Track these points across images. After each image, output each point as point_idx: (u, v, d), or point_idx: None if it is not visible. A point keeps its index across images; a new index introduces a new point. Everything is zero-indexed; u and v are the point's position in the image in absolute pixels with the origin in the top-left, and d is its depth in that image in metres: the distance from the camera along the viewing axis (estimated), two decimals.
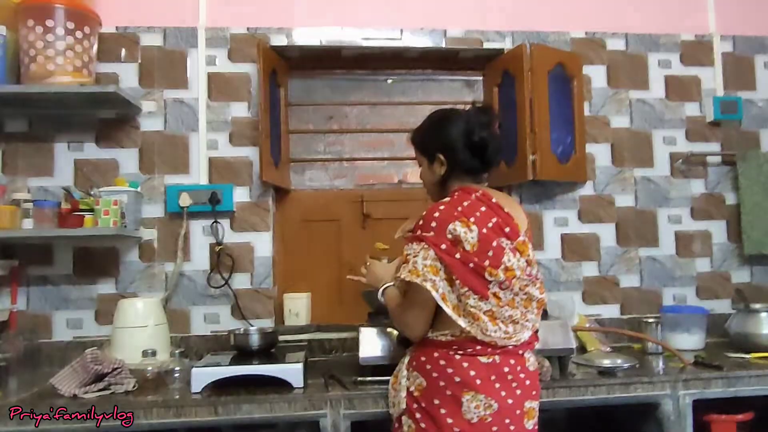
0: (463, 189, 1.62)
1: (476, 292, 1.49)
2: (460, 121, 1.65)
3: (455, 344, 1.54)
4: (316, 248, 2.61)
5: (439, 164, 1.66)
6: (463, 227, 1.51)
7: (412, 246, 1.56)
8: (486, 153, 1.63)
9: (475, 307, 1.50)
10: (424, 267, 1.51)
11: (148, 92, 2.42)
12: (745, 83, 2.74)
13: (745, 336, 2.25)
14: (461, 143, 1.62)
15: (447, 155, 1.65)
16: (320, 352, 2.40)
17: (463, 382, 1.51)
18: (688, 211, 2.67)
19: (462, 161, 1.64)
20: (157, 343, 2.08)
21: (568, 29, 2.65)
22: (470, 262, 1.50)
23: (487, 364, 1.52)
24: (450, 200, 1.59)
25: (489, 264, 1.50)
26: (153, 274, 2.37)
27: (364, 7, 2.56)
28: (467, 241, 1.50)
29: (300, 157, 2.70)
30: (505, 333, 1.52)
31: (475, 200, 1.57)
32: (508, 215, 1.58)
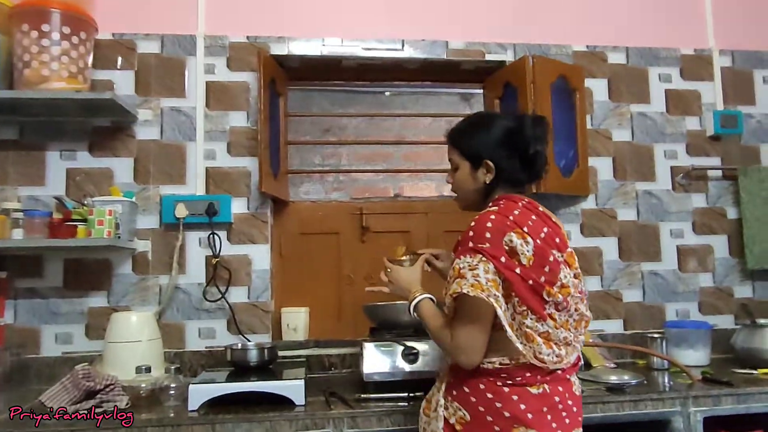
0: (507, 198, 1.51)
1: (534, 312, 1.37)
2: (514, 128, 1.53)
3: (503, 372, 1.40)
4: (315, 261, 2.56)
5: (485, 171, 1.53)
6: (519, 238, 1.38)
7: (466, 258, 1.39)
8: (536, 166, 1.54)
9: (531, 328, 1.38)
10: (487, 281, 1.35)
11: (145, 100, 2.36)
12: (744, 98, 2.75)
13: (752, 351, 2.22)
14: (513, 152, 1.51)
15: (496, 162, 1.52)
16: (319, 368, 2.33)
17: (514, 417, 1.37)
18: (689, 226, 2.65)
19: (511, 171, 1.52)
20: (151, 359, 2.01)
21: (570, 42, 2.65)
22: (529, 279, 1.37)
23: (538, 396, 1.39)
24: (498, 209, 1.46)
25: (545, 280, 1.38)
26: (147, 286, 2.29)
27: (366, 18, 2.54)
28: (524, 254, 1.38)
29: (296, 169, 2.65)
30: (557, 356, 1.40)
31: (524, 209, 1.46)
32: (556, 225, 1.50)
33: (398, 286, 1.68)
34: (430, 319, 1.53)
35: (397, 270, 1.71)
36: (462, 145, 1.59)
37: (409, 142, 2.75)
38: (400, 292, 1.67)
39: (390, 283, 1.71)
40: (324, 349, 2.37)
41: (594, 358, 2.28)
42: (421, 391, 1.82)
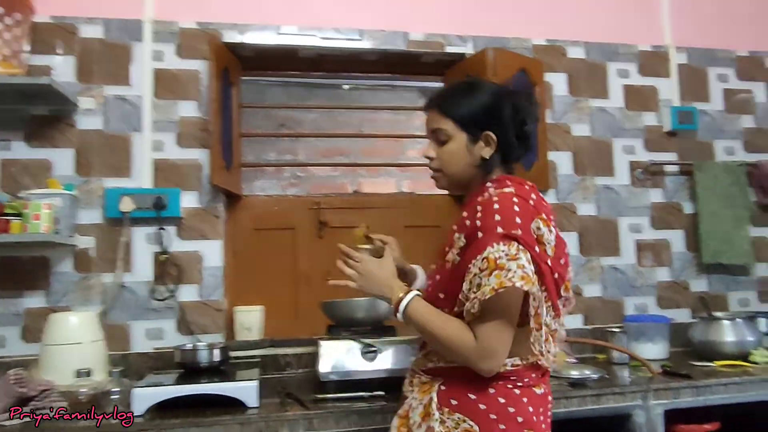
0: (511, 179, 1.35)
1: (554, 309, 1.25)
2: (515, 99, 1.38)
3: (514, 375, 1.27)
4: (270, 258, 2.46)
5: (485, 143, 1.35)
6: (544, 226, 1.24)
7: (501, 246, 1.19)
8: (528, 144, 1.40)
9: (548, 326, 1.25)
10: (533, 273, 1.19)
11: (87, 88, 2.22)
12: (699, 94, 2.79)
13: (709, 344, 2.24)
14: (512, 125, 1.35)
15: (499, 135, 1.34)
16: (274, 368, 2.23)
17: (525, 422, 1.24)
18: (647, 221, 2.66)
19: (511, 147, 1.36)
20: (93, 362, 1.87)
21: (530, 36, 2.63)
22: (555, 272, 1.25)
23: (540, 396, 1.30)
24: (515, 190, 1.29)
25: (560, 275, 1.28)
26: (89, 285, 2.15)
27: (324, 6, 2.46)
28: (549, 244, 1.25)
29: (250, 162, 2.55)
30: (554, 355, 1.29)
31: (535, 192, 1.33)
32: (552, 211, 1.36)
33: (371, 281, 1.39)
34: (434, 319, 1.28)
35: (367, 261, 1.42)
36: (458, 113, 1.36)
37: (368, 136, 2.68)
38: (373, 288, 1.39)
39: (360, 277, 1.41)
40: (279, 349, 2.27)
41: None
42: (381, 391, 1.76)
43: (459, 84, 1.45)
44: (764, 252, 2.76)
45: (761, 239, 2.76)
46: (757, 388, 1.97)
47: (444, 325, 1.27)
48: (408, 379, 1.44)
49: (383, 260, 1.45)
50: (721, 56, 2.83)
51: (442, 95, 1.42)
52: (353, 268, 1.42)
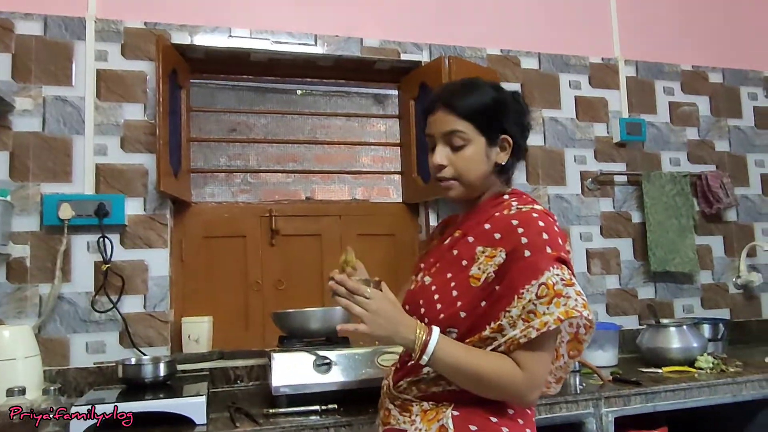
0: (523, 193, 1.32)
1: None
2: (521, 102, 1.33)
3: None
4: (220, 267, 2.38)
5: (501, 149, 1.27)
6: (568, 246, 1.22)
7: (554, 271, 1.11)
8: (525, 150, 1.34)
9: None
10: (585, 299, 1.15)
11: (24, 87, 2.10)
12: (647, 106, 2.86)
13: (656, 351, 2.28)
14: (526, 131, 1.31)
15: (516, 140, 1.28)
16: (224, 382, 2.15)
17: None
18: (597, 229, 2.71)
19: (522, 152, 1.31)
20: (27, 379, 1.76)
21: (484, 45, 2.64)
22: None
23: (535, 422, 1.26)
24: (540, 208, 1.24)
25: None
26: (24, 297, 2.03)
27: (277, 9, 2.40)
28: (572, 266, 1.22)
29: (199, 168, 2.47)
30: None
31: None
32: None
33: (386, 320, 1.16)
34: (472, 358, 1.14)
35: (377, 297, 1.18)
36: (476, 115, 1.25)
37: (321, 142, 2.64)
38: (388, 330, 1.16)
39: (372, 318, 1.16)
40: (229, 361, 2.19)
41: None
42: (335, 404, 1.72)
43: (467, 83, 1.31)
44: (707, 260, 2.86)
45: (705, 247, 2.85)
46: (702, 393, 2.01)
47: (483, 363, 1.13)
48: (397, 408, 1.28)
49: (389, 294, 1.21)
50: (668, 70, 2.93)
51: (454, 94, 1.28)
52: (363, 306, 1.16)
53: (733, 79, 3.04)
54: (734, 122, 3.02)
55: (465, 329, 1.18)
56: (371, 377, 1.76)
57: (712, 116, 2.98)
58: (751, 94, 3.07)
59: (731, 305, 2.87)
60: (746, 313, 2.89)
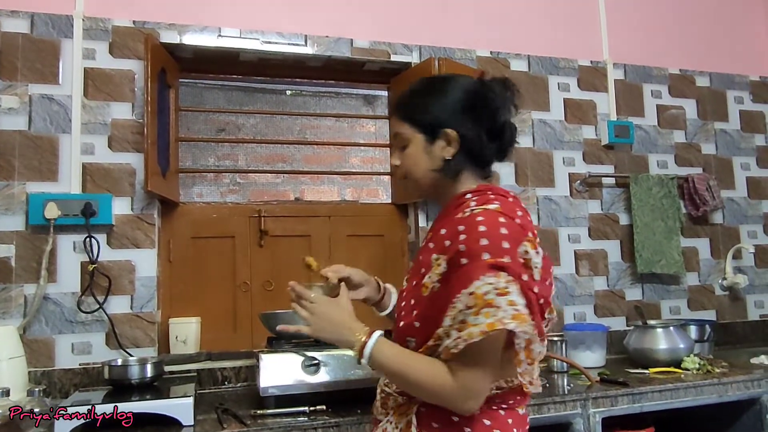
0: (491, 189, 1.23)
1: (540, 334, 1.14)
2: (479, 90, 1.24)
3: (498, 398, 1.18)
4: (208, 267, 2.37)
5: (446, 143, 1.23)
6: (532, 249, 1.13)
7: (487, 278, 1.06)
8: (504, 139, 1.25)
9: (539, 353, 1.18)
10: (524, 307, 1.08)
11: (9, 85, 2.08)
12: (635, 109, 2.89)
13: (643, 351, 2.29)
14: (478, 120, 1.22)
15: (464, 132, 1.21)
16: (211, 383, 2.14)
17: None
18: (586, 231, 2.73)
19: (477, 143, 1.22)
20: (11, 380, 1.75)
21: (474, 47, 2.65)
22: (541, 298, 1.13)
23: (522, 416, 1.23)
24: (501, 207, 1.15)
25: (547, 296, 1.17)
26: (9, 297, 2.00)
27: (267, 9, 2.40)
28: (536, 268, 1.13)
29: (188, 168, 2.45)
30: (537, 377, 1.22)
31: (519, 206, 1.21)
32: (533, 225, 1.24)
33: (328, 324, 1.24)
34: (405, 361, 1.16)
35: (322, 302, 1.27)
36: (413, 113, 1.25)
37: (310, 143, 2.63)
38: (330, 332, 1.24)
39: (315, 320, 1.25)
40: (217, 362, 2.18)
41: None
42: (324, 405, 1.71)
43: (417, 82, 1.31)
44: (693, 262, 2.88)
45: (691, 249, 2.88)
46: (688, 394, 2.02)
47: (416, 368, 1.14)
48: (379, 401, 1.31)
49: (340, 299, 1.28)
50: (655, 73, 2.95)
51: (400, 98, 1.30)
52: (307, 309, 1.26)
53: (720, 83, 3.08)
54: (721, 125, 3.05)
55: (421, 339, 1.18)
56: (359, 378, 1.75)
57: (699, 119, 3.01)
58: (737, 98, 3.10)
59: (717, 307, 2.90)
60: (732, 315, 2.92)
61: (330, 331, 1.24)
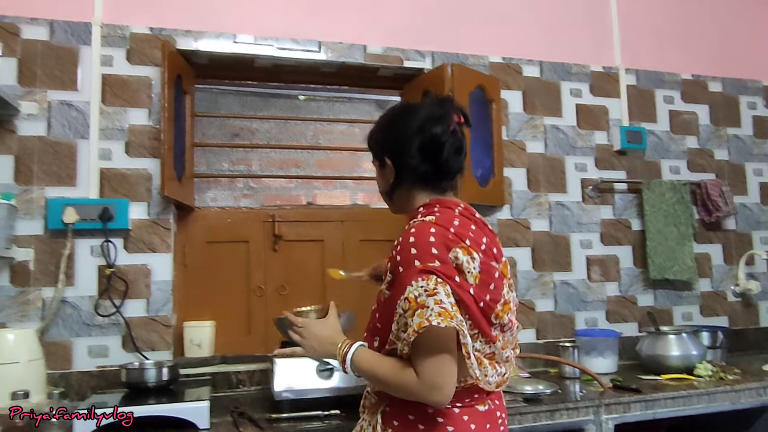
0: (441, 203, 1.33)
1: (484, 335, 1.25)
2: (406, 112, 1.38)
3: (454, 396, 1.24)
4: (222, 272, 2.39)
5: (388, 170, 1.38)
6: (464, 255, 1.22)
7: (421, 282, 1.18)
8: (440, 155, 1.32)
9: (480, 351, 1.26)
10: (452, 306, 1.17)
11: (29, 92, 2.11)
12: (647, 115, 2.88)
13: (656, 358, 2.29)
14: (412, 143, 1.33)
15: (394, 158, 1.36)
16: (226, 386, 2.17)
17: None
18: (598, 237, 2.73)
19: (411, 166, 1.34)
20: (31, 382, 1.77)
21: (486, 53, 2.66)
22: (480, 300, 1.23)
23: (485, 413, 1.30)
24: (436, 219, 1.27)
25: (490, 299, 1.25)
26: (27, 300, 2.03)
27: (281, 16, 2.42)
28: (470, 273, 1.22)
29: (203, 173, 2.48)
30: (500, 376, 1.30)
31: (462, 217, 1.30)
32: (492, 232, 1.36)
33: (316, 343, 1.41)
34: (377, 366, 1.28)
35: (309, 325, 1.44)
36: (369, 143, 1.46)
37: (323, 148, 2.65)
38: (319, 349, 1.41)
39: (305, 342, 1.43)
40: (231, 366, 2.21)
41: None
42: (337, 409, 1.73)
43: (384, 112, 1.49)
44: (706, 268, 2.87)
45: (704, 255, 2.87)
46: (701, 401, 2.03)
47: (386, 368, 1.26)
48: (362, 401, 1.44)
49: (327, 320, 1.45)
50: (668, 79, 2.95)
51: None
52: (298, 334, 1.44)
53: (733, 88, 3.07)
54: (733, 131, 3.04)
55: (382, 339, 1.30)
56: None
57: (711, 125, 3.00)
58: (750, 104, 3.09)
59: (730, 313, 2.89)
60: (744, 321, 2.91)
61: (318, 348, 1.41)
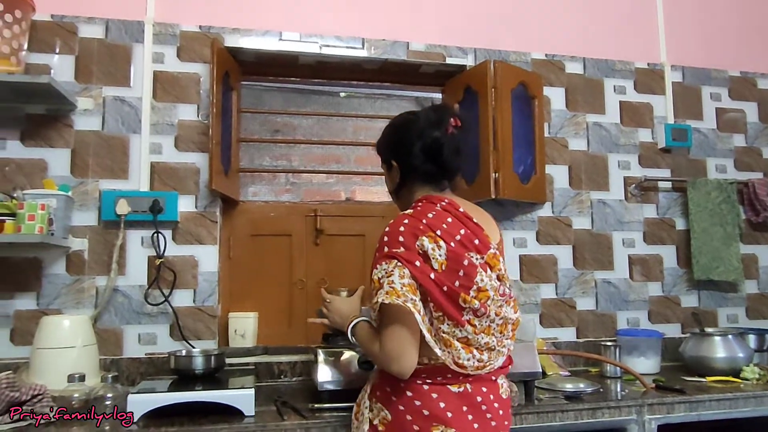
0: (427, 198, 1.49)
1: (450, 318, 1.36)
2: (408, 120, 1.56)
3: (423, 373, 1.39)
4: (265, 264, 2.44)
5: (395, 171, 1.56)
6: (430, 243, 1.36)
7: (383, 266, 1.37)
8: (440, 155, 1.48)
9: (448, 333, 1.36)
10: (402, 286, 1.33)
11: (85, 88, 2.20)
12: (693, 112, 2.83)
13: (700, 359, 2.26)
14: (414, 146, 1.50)
15: (399, 160, 1.54)
16: (268, 376, 2.22)
17: (433, 416, 1.36)
18: (640, 236, 2.69)
19: (415, 166, 1.51)
20: (85, 367, 1.85)
21: (529, 49, 2.65)
22: (444, 285, 1.35)
23: (459, 394, 1.39)
24: (413, 211, 1.44)
25: (460, 285, 1.36)
26: (82, 288, 2.12)
27: (326, 13, 2.46)
28: (435, 259, 1.36)
29: (248, 168, 2.53)
30: (479, 361, 1.39)
31: (441, 210, 1.44)
32: (477, 226, 1.45)
33: (338, 316, 1.65)
34: (362, 336, 1.50)
35: (335, 300, 1.71)
36: (378, 149, 1.65)
37: (363, 144, 2.68)
38: (339, 321, 1.64)
39: (329, 314, 1.69)
40: (273, 357, 2.25)
41: (548, 366, 2.26)
42: None
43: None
44: (753, 269, 2.81)
45: (750, 257, 2.80)
46: (748, 404, 1.99)
47: (366, 338, 1.48)
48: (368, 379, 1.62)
49: (351, 299, 1.73)
50: (715, 76, 2.88)
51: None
52: (326, 307, 1.71)
53: None
54: None
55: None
56: None
57: (760, 123, 2.92)
58: None
59: None
60: None
61: (337, 320, 1.65)
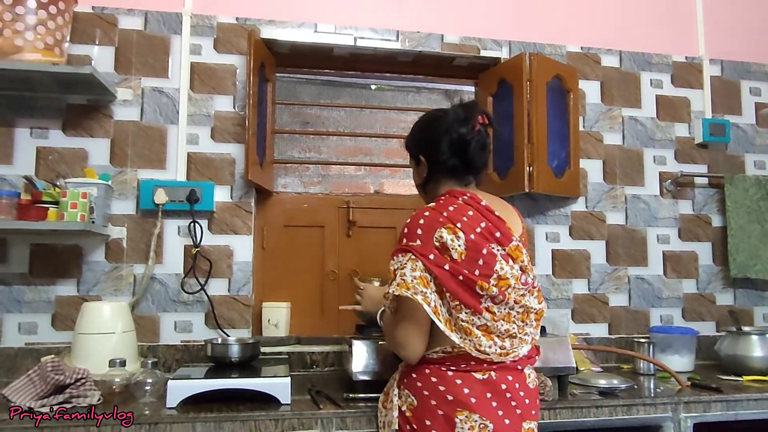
0: (449, 192, 1.53)
1: (468, 306, 1.39)
2: (437, 117, 1.59)
3: (447, 360, 1.43)
4: (298, 255, 2.46)
5: (422, 166, 1.60)
6: (449, 234, 1.40)
7: (398, 258, 1.44)
8: (466, 152, 1.52)
9: (468, 322, 1.40)
10: (413, 279, 1.39)
11: (125, 79, 2.23)
12: (731, 107, 2.77)
13: (736, 358, 2.22)
14: (442, 142, 1.53)
15: (427, 156, 1.58)
16: (300, 366, 2.24)
17: (456, 401, 1.39)
18: (675, 232, 2.65)
19: (442, 162, 1.54)
20: (125, 352, 1.89)
21: (564, 42, 2.62)
22: (460, 274, 1.39)
23: (483, 381, 1.42)
24: (435, 205, 1.49)
25: (480, 274, 1.39)
26: (120, 276, 2.16)
27: (361, 6, 2.46)
28: (454, 250, 1.39)
29: (283, 159, 2.55)
30: (502, 348, 1.41)
31: (462, 204, 1.47)
32: (500, 219, 1.47)
33: (370, 302, 1.74)
34: (384, 323, 1.58)
35: (368, 288, 1.79)
36: (407, 146, 1.69)
37: (392, 136, 2.68)
38: (370, 308, 1.73)
39: (362, 300, 1.78)
40: (306, 346, 2.28)
41: (581, 362, 2.25)
42: None
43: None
44: None
45: None
46: None
47: (385, 325, 1.57)
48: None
49: (382, 288, 1.75)
50: (755, 70, 2.82)
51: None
52: (359, 294, 1.79)
53: None
54: None
55: None
56: None
57: None
58: None
59: None
60: None
61: (369, 307, 1.74)
